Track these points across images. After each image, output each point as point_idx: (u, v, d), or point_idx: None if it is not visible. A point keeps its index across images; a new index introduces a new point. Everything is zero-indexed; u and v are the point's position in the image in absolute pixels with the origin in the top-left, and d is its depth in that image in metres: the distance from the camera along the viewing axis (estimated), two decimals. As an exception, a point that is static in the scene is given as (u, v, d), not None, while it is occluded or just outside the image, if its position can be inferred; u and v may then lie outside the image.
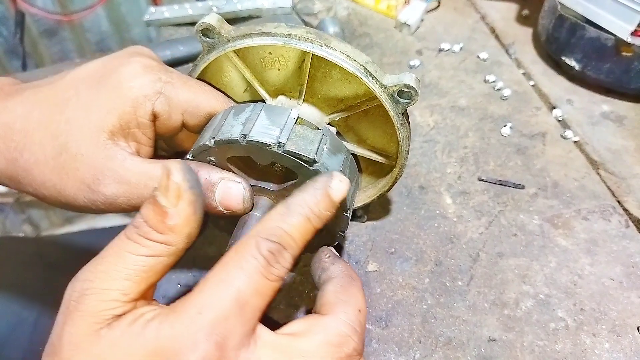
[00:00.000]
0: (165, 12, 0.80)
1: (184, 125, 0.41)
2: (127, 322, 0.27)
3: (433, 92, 0.71)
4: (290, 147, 0.35)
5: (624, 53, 0.65)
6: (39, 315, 0.69)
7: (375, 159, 0.45)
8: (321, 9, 0.83)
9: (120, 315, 0.28)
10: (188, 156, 0.38)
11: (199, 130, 0.41)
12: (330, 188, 0.31)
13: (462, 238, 0.53)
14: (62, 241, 0.91)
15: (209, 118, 0.40)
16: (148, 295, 0.31)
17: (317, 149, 0.36)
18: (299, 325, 0.32)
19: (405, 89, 0.38)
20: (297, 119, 0.37)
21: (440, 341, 0.45)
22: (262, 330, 0.30)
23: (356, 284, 0.35)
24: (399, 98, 0.39)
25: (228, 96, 0.43)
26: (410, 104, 0.39)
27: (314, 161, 0.35)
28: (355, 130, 0.44)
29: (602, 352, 0.45)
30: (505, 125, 0.65)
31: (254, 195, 0.40)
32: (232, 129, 0.36)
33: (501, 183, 0.58)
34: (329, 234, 0.42)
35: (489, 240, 0.53)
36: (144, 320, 0.27)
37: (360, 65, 0.38)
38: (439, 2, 0.87)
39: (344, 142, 0.44)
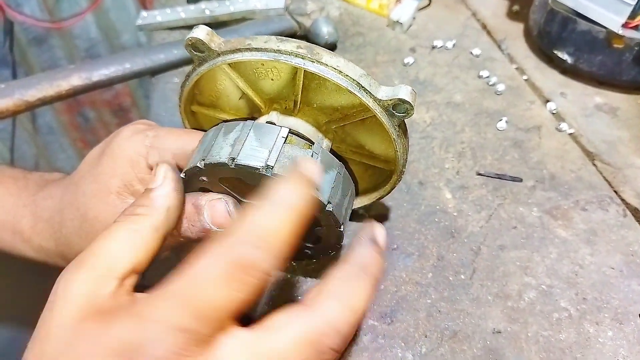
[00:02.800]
0: (158, 16, 0.79)
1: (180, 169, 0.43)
2: (105, 312, 0.27)
3: (428, 88, 0.71)
4: (278, 170, 0.35)
5: (615, 45, 0.65)
6: None
7: (374, 164, 0.45)
8: (314, 9, 0.83)
9: (109, 297, 0.28)
10: (181, 175, 0.38)
11: None
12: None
13: (463, 232, 0.53)
14: None
15: None
16: (133, 281, 0.31)
17: None
18: (277, 317, 0.29)
19: (400, 103, 0.37)
20: (286, 138, 0.37)
21: (445, 335, 0.45)
22: (233, 327, 0.28)
23: (365, 279, 0.31)
24: (394, 111, 0.38)
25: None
26: (406, 117, 0.38)
27: None
28: (353, 136, 0.43)
29: (606, 340, 0.45)
30: (501, 120, 0.65)
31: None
32: (221, 151, 0.36)
33: (499, 177, 0.59)
34: (326, 246, 0.43)
35: (490, 233, 0.53)
36: (111, 315, 0.27)
37: (353, 80, 0.37)
38: (430, 0, 0.87)
39: (341, 146, 0.44)
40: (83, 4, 1.30)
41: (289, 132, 0.37)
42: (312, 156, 0.37)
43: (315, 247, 0.44)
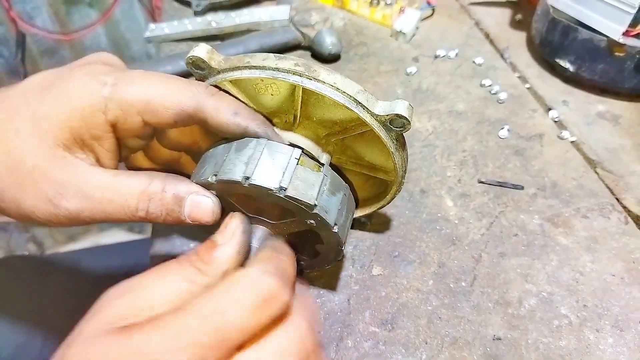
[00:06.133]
0: (165, 28, 0.81)
1: (152, 126, 0.38)
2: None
3: (430, 97, 0.72)
4: (291, 192, 0.35)
5: (616, 53, 0.66)
6: (47, 334, 0.69)
7: (375, 175, 0.45)
8: (318, 20, 0.85)
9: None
10: (192, 181, 0.38)
11: (176, 126, 0.38)
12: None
13: (464, 240, 0.54)
14: (67, 259, 0.92)
15: (180, 114, 0.37)
16: None
17: (318, 192, 0.37)
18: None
19: (397, 118, 0.38)
20: (299, 159, 0.37)
21: (446, 341, 0.46)
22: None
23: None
24: (391, 126, 0.39)
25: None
26: (403, 131, 0.39)
27: (315, 206, 0.36)
28: (353, 148, 0.44)
29: (606, 347, 0.45)
30: (503, 128, 0.66)
31: (251, 225, 0.40)
32: (235, 168, 0.36)
33: (501, 184, 0.59)
34: (325, 259, 0.44)
35: (491, 241, 0.54)
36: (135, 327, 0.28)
37: (350, 96, 0.38)
38: (433, 10, 0.88)
39: (341, 157, 0.45)
40: (94, 16, 1.33)
41: (301, 154, 0.38)
42: (322, 179, 0.38)
43: (312, 260, 0.44)
